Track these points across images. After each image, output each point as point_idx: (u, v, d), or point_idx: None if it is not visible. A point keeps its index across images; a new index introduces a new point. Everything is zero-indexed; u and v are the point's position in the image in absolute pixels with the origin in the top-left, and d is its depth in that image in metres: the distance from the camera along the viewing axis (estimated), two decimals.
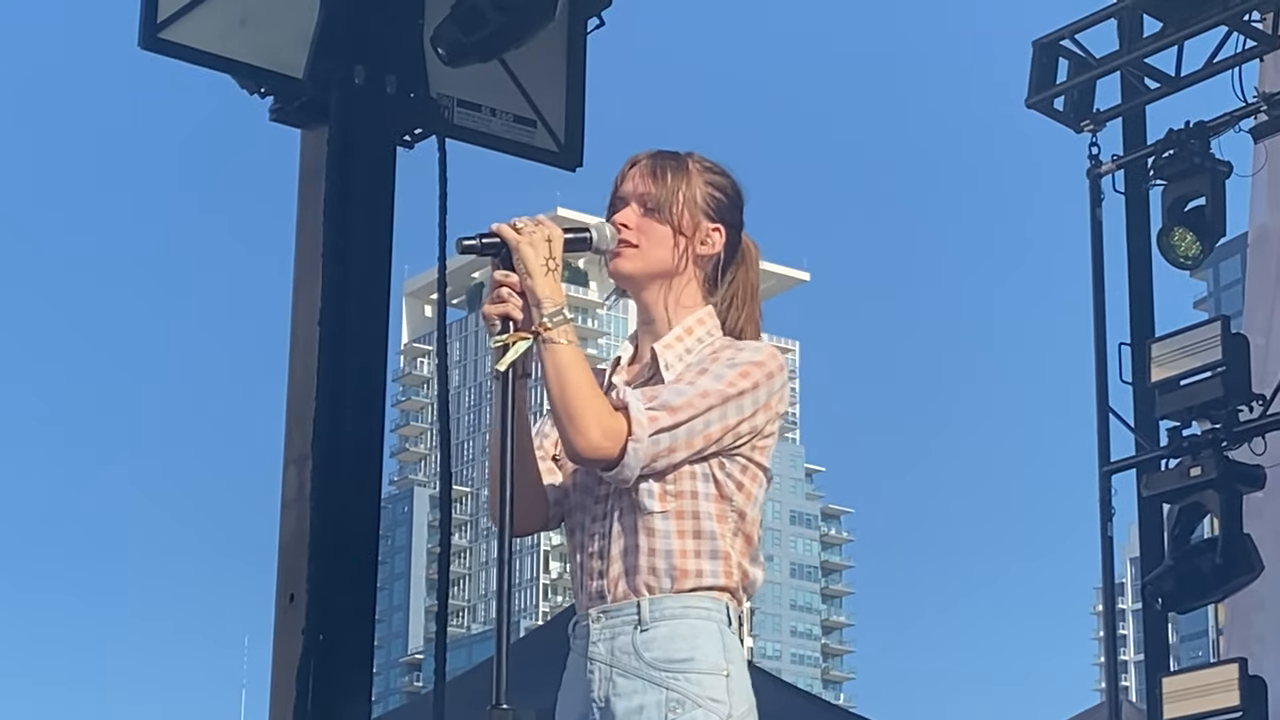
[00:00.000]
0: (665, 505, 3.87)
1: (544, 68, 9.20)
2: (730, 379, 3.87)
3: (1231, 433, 10.15)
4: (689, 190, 4.04)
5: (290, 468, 8.23)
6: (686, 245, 4.02)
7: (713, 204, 4.06)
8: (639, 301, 4.09)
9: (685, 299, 4.05)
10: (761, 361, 3.92)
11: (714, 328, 4.05)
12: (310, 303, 8.26)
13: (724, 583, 3.88)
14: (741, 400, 3.87)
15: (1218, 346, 10.13)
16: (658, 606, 3.85)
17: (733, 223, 4.09)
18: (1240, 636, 11.20)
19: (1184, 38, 10.86)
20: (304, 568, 7.97)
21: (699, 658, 3.83)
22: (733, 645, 3.87)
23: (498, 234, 3.88)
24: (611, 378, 4.04)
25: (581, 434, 3.78)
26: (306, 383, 8.23)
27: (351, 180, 8.37)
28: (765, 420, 3.92)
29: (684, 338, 4.01)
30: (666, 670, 3.82)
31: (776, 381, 3.94)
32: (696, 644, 3.83)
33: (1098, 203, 11.12)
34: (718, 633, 3.86)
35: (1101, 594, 11.57)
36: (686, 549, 3.86)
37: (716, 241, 4.06)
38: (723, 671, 3.83)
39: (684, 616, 3.85)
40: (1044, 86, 11.16)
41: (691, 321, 4.03)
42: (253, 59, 8.48)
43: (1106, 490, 10.80)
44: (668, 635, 3.84)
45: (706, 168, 4.10)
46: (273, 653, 8.12)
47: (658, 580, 3.86)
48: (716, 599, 3.88)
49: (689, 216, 4.03)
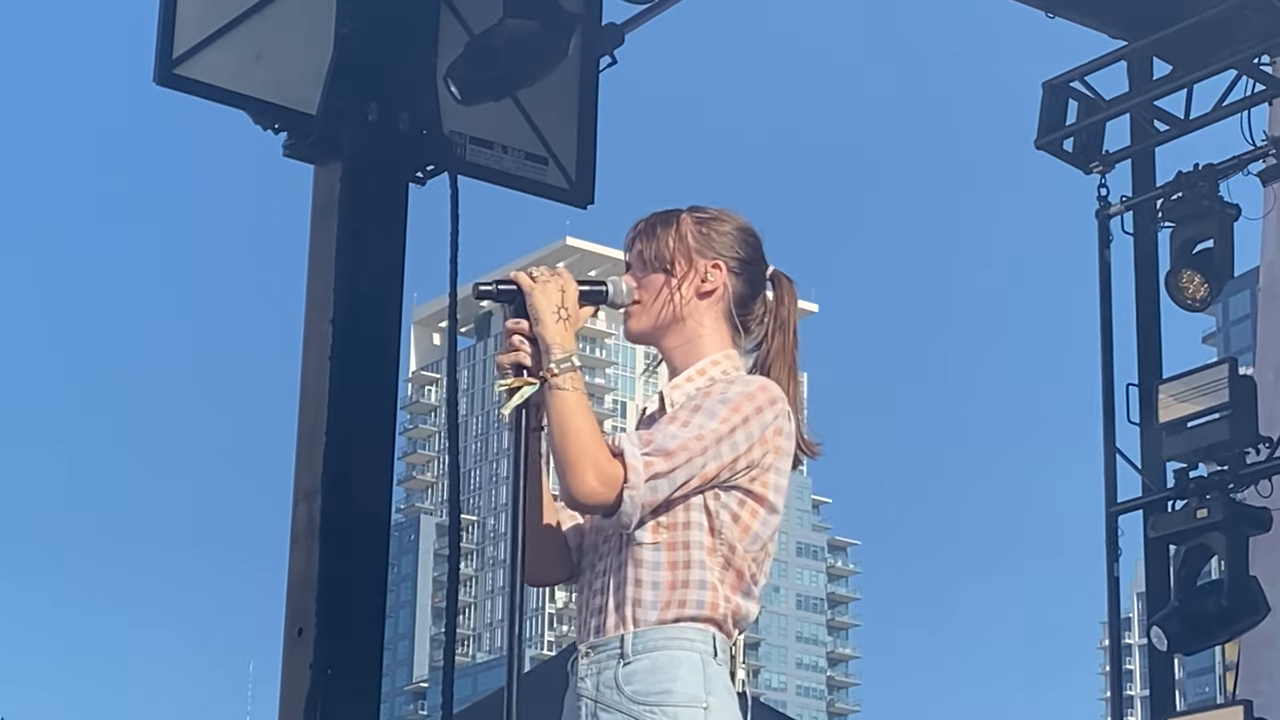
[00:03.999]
0: (657, 537, 3.89)
1: (556, 105, 9.25)
2: (723, 415, 3.88)
3: (1238, 475, 10.15)
4: (678, 235, 4.07)
5: (300, 503, 8.25)
6: (678, 285, 4.04)
7: (705, 242, 4.07)
8: (661, 351, 4.11)
9: (704, 341, 4.06)
10: (752, 394, 3.93)
11: (731, 368, 4.04)
12: (322, 338, 8.29)
13: (709, 614, 3.89)
14: (735, 436, 3.88)
15: (1225, 389, 10.14)
16: (641, 639, 3.87)
17: (740, 258, 4.09)
18: (1250, 673, 11.21)
19: (1193, 81, 10.88)
20: (312, 602, 7.99)
21: (677, 690, 3.83)
22: (715, 677, 3.87)
23: (514, 281, 3.93)
24: (639, 429, 4.04)
25: (578, 479, 3.81)
26: (317, 417, 8.26)
27: (364, 217, 8.41)
28: (762, 454, 3.92)
29: (695, 378, 4.02)
30: (644, 704, 3.84)
31: (768, 415, 3.93)
32: (676, 675, 3.84)
33: (1106, 244, 11.13)
34: (699, 664, 3.86)
35: (1108, 629, 11.57)
36: (675, 580, 3.88)
37: (716, 277, 4.06)
38: (700, 704, 3.83)
39: (665, 648, 3.87)
40: (1053, 128, 11.18)
41: (705, 363, 4.04)
42: (267, 95, 8.53)
43: (1113, 531, 10.79)
44: (648, 668, 3.86)
45: (699, 213, 4.12)
46: (280, 687, 8.14)
47: (643, 612, 3.88)
48: (702, 630, 3.89)
49: (681, 259, 4.05)
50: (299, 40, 8.58)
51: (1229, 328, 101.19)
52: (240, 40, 8.50)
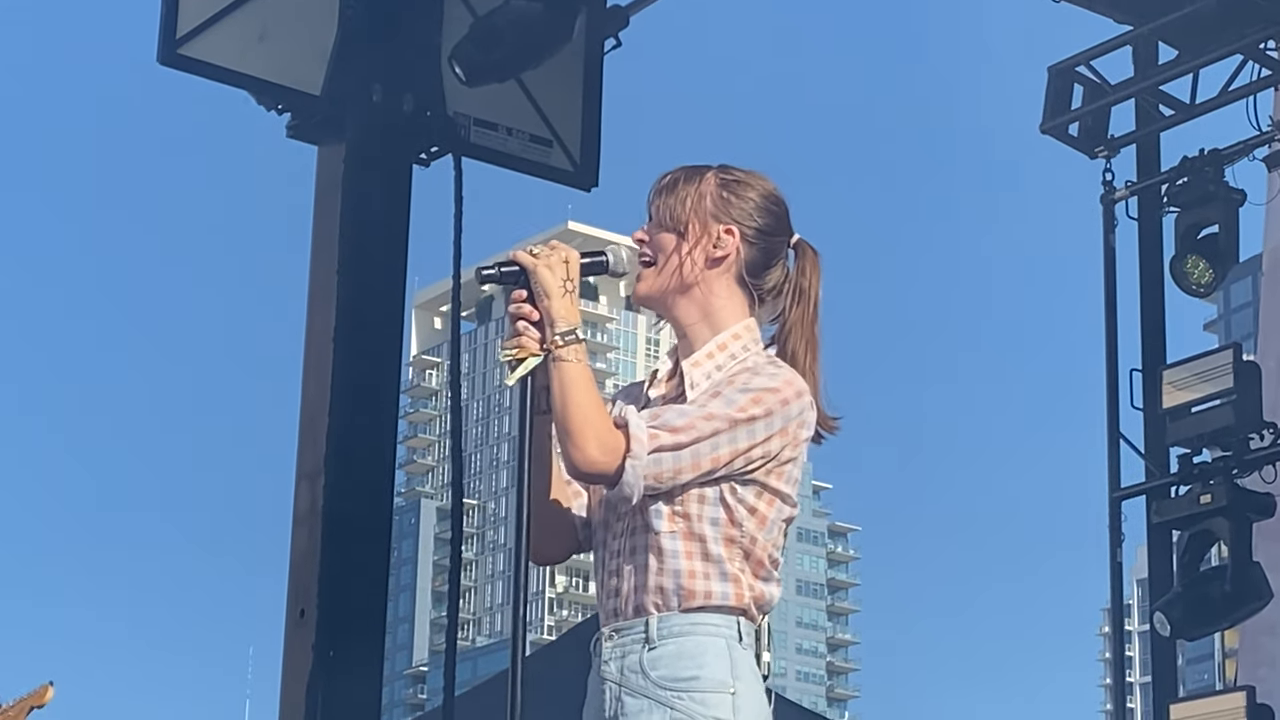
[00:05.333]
0: (674, 526, 3.86)
1: (561, 88, 9.22)
2: (741, 404, 3.83)
3: (1242, 460, 10.14)
4: (697, 195, 3.99)
5: (302, 483, 8.25)
6: (690, 251, 3.97)
7: (724, 206, 3.99)
8: (671, 321, 4.04)
9: (719, 312, 3.98)
10: (776, 388, 3.87)
11: (751, 342, 3.98)
12: (325, 318, 8.28)
13: (734, 603, 3.87)
14: (753, 426, 3.83)
15: (1229, 374, 10.12)
16: (665, 624, 3.85)
17: (757, 227, 4.00)
18: (1250, 660, 11.21)
19: (1199, 66, 10.86)
20: (314, 584, 7.99)
21: (704, 676, 3.81)
22: (742, 661, 3.85)
23: (516, 261, 3.90)
24: (648, 391, 4.02)
25: (579, 449, 3.78)
26: (320, 397, 8.25)
27: (367, 198, 8.39)
28: (781, 446, 3.87)
29: (715, 354, 3.96)
30: (671, 689, 3.81)
31: (793, 408, 3.87)
32: (703, 661, 3.82)
33: (1111, 229, 11.12)
34: (725, 650, 3.84)
35: (1109, 616, 11.56)
36: (695, 570, 3.85)
37: (728, 243, 3.97)
38: (728, 689, 3.81)
39: (691, 634, 3.84)
40: (1059, 112, 11.16)
41: (725, 337, 3.97)
42: (271, 75, 8.52)
43: (1116, 516, 10.78)
44: (674, 653, 3.83)
45: (725, 174, 4.03)
46: (282, 667, 8.14)
47: (665, 599, 3.85)
48: (727, 616, 3.87)
49: (695, 222, 3.97)
50: (303, 21, 8.56)
51: (1230, 315, 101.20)
52: (244, 20, 8.48)
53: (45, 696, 7.07)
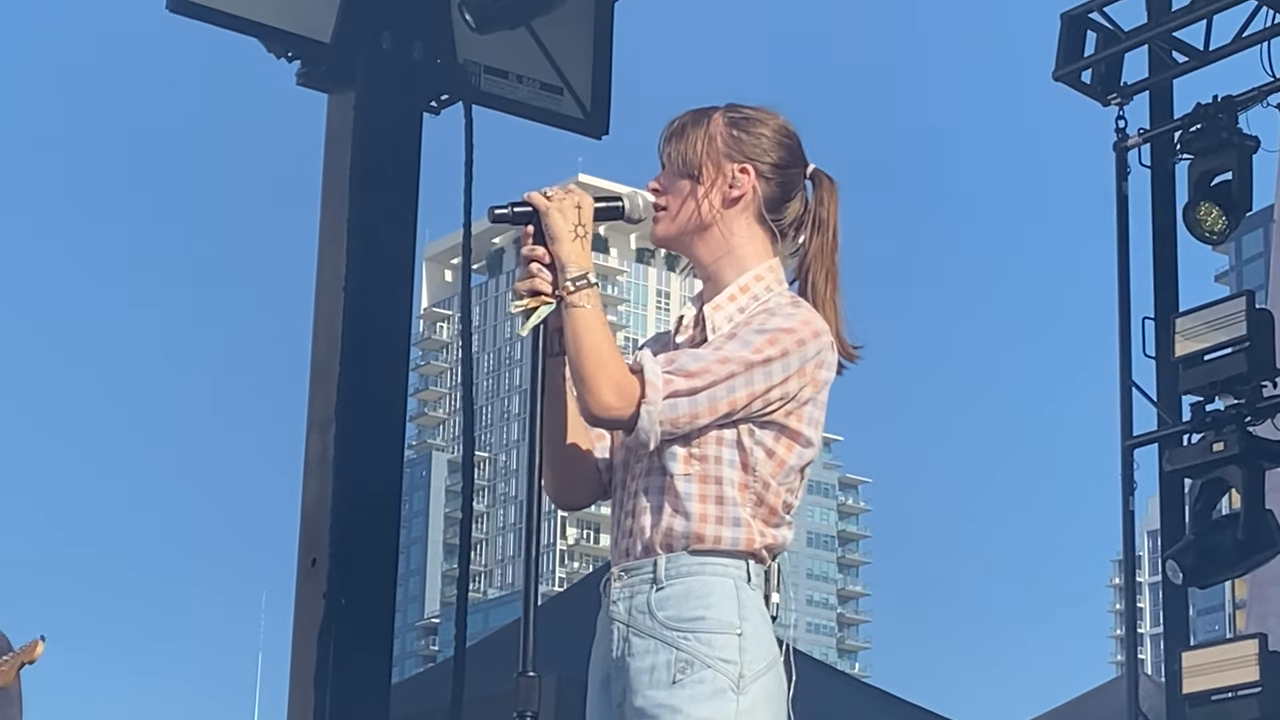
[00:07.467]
0: (689, 468, 3.84)
1: (571, 35, 9.18)
2: (757, 345, 3.81)
3: (1255, 408, 10.11)
4: (707, 137, 3.97)
5: (313, 432, 8.24)
6: (706, 193, 3.94)
7: (735, 144, 3.96)
8: (693, 261, 4.02)
9: (741, 253, 3.96)
10: (793, 328, 3.84)
11: (774, 282, 3.96)
12: (335, 267, 8.26)
13: (744, 548, 3.86)
14: (770, 367, 3.81)
15: (1242, 322, 10.08)
16: (674, 564, 3.83)
17: (773, 163, 3.98)
18: (1259, 610, 11.20)
19: (1213, 12, 10.80)
20: (326, 533, 7.99)
21: (711, 616, 3.80)
22: (750, 602, 3.84)
23: (529, 202, 3.88)
24: (676, 338, 4.00)
25: (594, 394, 3.77)
26: (330, 347, 8.24)
27: (378, 146, 8.36)
28: (799, 386, 3.85)
29: (737, 296, 3.94)
30: (677, 630, 3.80)
31: (810, 348, 3.85)
32: (710, 602, 3.81)
33: (1124, 176, 11.07)
34: (733, 590, 3.83)
35: (1120, 566, 11.56)
36: (707, 514, 3.84)
37: (743, 182, 3.95)
38: (735, 630, 3.80)
39: (699, 574, 3.83)
40: (1071, 59, 11.10)
41: (747, 279, 3.95)
42: (280, 23, 8.48)
43: (1128, 465, 10.76)
44: (682, 593, 3.82)
45: (733, 112, 4.01)
46: (294, 616, 8.15)
47: (674, 541, 3.84)
48: (736, 558, 3.85)
49: (709, 164, 3.95)
50: None
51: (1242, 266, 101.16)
52: None
53: (35, 652, 7.03)
